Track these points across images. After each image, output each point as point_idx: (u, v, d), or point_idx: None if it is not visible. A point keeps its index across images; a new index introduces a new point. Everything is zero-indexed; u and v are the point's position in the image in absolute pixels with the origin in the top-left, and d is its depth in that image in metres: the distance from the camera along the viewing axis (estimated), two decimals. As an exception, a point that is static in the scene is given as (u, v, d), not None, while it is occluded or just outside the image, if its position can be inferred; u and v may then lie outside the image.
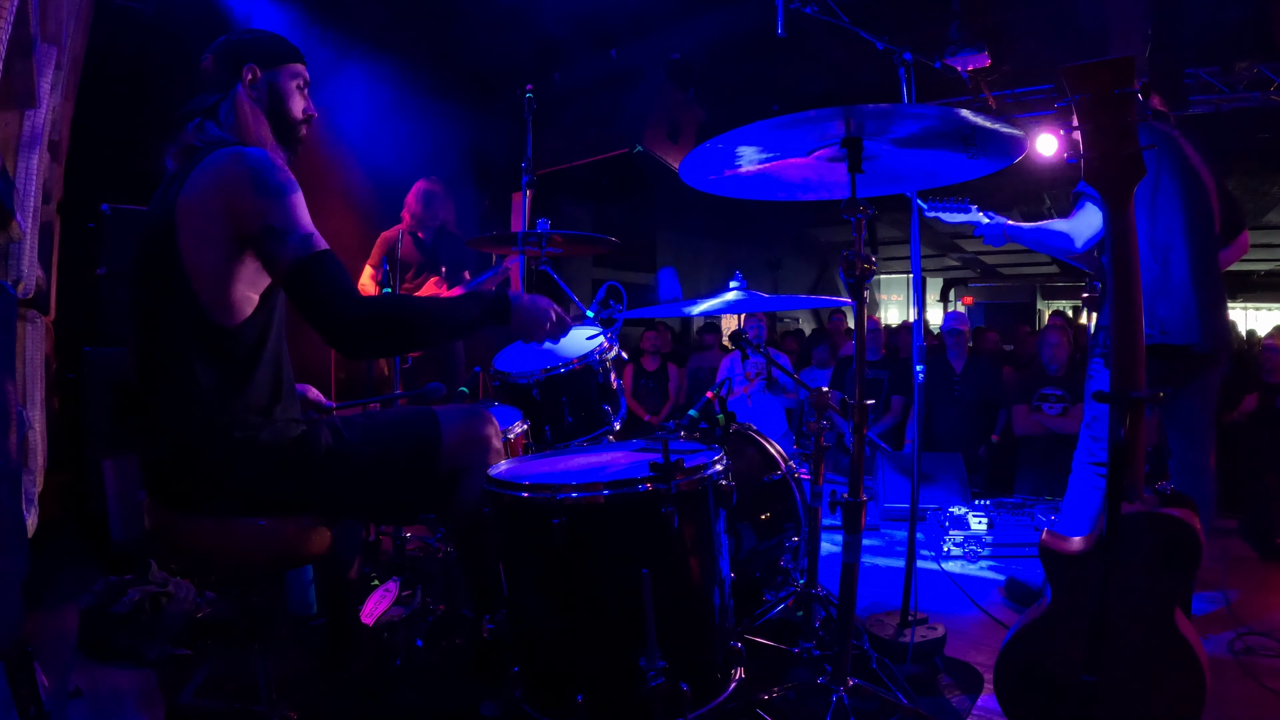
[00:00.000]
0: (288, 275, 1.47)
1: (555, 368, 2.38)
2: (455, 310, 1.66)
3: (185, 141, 1.59)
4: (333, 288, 1.47)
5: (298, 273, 1.46)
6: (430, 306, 1.67)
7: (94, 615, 2.38)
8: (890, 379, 5.54)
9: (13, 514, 1.78)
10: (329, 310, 1.47)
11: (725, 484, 1.69)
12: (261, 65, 1.64)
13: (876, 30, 2.65)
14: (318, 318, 1.47)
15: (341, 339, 1.48)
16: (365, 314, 1.49)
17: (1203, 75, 5.63)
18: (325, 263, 1.47)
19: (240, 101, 1.61)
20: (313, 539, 1.61)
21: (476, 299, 1.67)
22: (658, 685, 1.46)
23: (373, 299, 1.53)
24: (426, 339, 1.62)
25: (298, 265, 1.46)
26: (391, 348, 1.71)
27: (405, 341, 1.66)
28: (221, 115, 1.60)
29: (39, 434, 2.44)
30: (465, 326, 1.66)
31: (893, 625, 2.33)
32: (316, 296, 1.47)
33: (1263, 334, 8.14)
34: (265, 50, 1.66)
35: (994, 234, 2.72)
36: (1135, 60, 1.53)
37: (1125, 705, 1.59)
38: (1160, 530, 1.59)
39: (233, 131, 1.59)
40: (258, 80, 1.64)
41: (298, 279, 1.47)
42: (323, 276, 1.47)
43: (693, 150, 1.85)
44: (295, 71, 1.70)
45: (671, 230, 10.37)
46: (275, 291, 1.60)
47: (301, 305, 1.49)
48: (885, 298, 17.70)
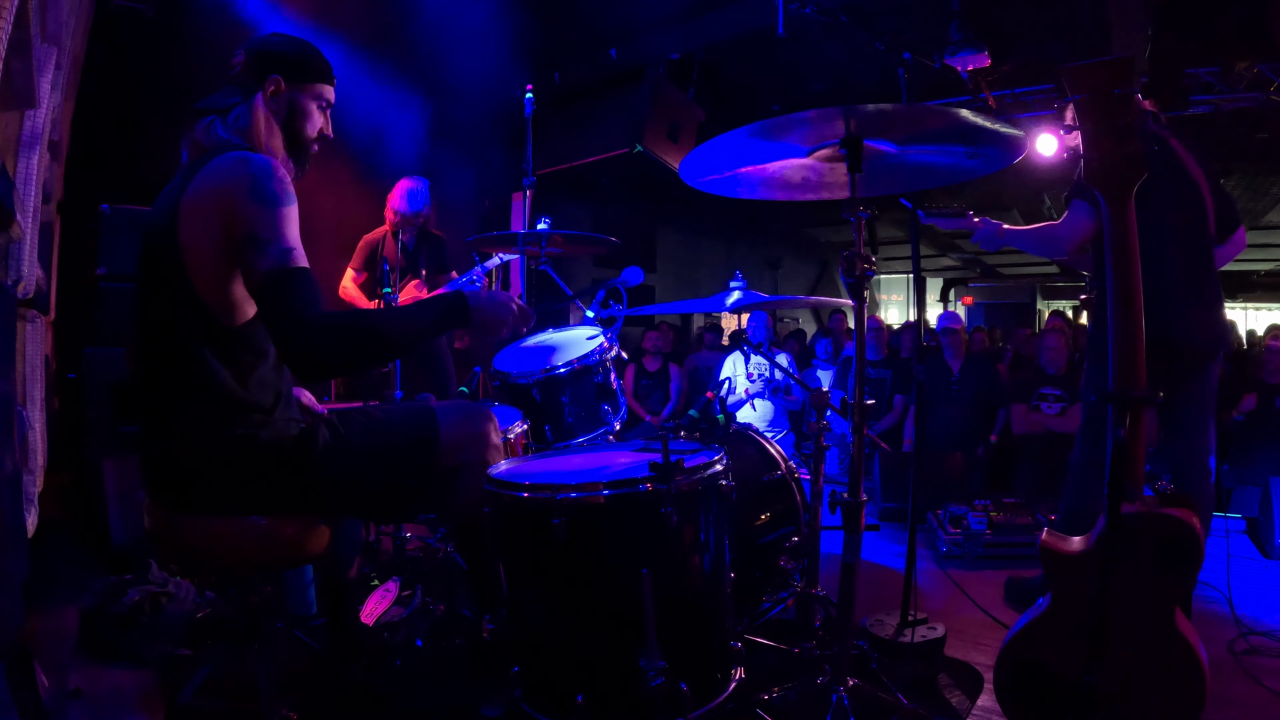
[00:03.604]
0: (259, 285, 1.44)
1: (555, 368, 2.38)
2: (412, 317, 1.61)
3: (196, 138, 1.59)
4: (295, 305, 1.42)
5: (268, 285, 1.42)
6: (388, 317, 1.62)
7: (94, 615, 2.38)
8: (893, 379, 5.55)
9: (13, 514, 1.78)
10: (290, 326, 1.42)
11: (725, 484, 1.69)
12: (287, 79, 1.63)
13: (876, 30, 2.65)
14: (278, 333, 1.44)
15: (297, 356, 1.43)
16: (325, 330, 1.43)
17: (1203, 75, 5.63)
18: (297, 280, 1.43)
19: (256, 110, 1.60)
20: (313, 538, 1.61)
21: (434, 303, 1.63)
22: (658, 685, 1.46)
23: (334, 315, 1.48)
24: (389, 351, 1.59)
25: (269, 277, 1.42)
26: (353, 363, 1.63)
27: (366, 356, 1.60)
28: (231, 118, 1.60)
29: (39, 434, 2.44)
30: (426, 331, 1.61)
31: (893, 625, 2.33)
32: (279, 311, 1.43)
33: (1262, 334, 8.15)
34: (295, 65, 1.64)
35: (989, 236, 2.74)
36: (1135, 60, 1.53)
37: (1125, 705, 1.58)
38: (1160, 530, 1.59)
39: (242, 136, 1.59)
40: (280, 93, 1.63)
41: (267, 291, 1.43)
42: (290, 293, 1.42)
43: (693, 150, 1.85)
44: (319, 92, 1.68)
45: (671, 230, 10.37)
46: None
47: (266, 318, 1.46)
48: (885, 298, 17.70)
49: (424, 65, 4.97)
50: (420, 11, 4.61)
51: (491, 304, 1.66)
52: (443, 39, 4.79)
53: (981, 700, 2.10)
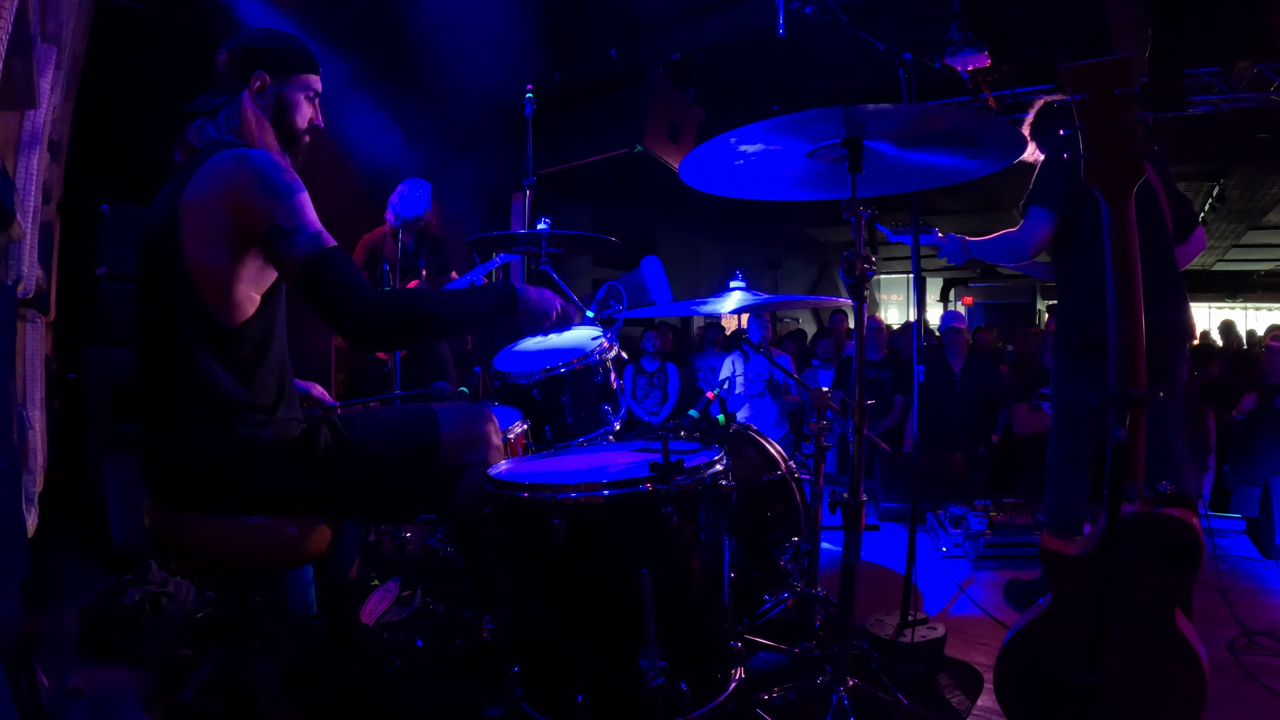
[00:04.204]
0: (298, 273, 1.48)
1: (555, 368, 2.38)
2: (466, 302, 1.68)
3: (188, 140, 1.59)
4: (344, 283, 1.48)
5: (308, 270, 1.47)
6: (440, 300, 1.70)
7: (94, 615, 2.38)
8: (892, 379, 5.55)
9: (13, 514, 1.79)
10: (342, 306, 1.48)
11: (725, 484, 1.69)
12: (272, 73, 1.63)
13: (876, 30, 2.65)
14: (331, 313, 1.49)
15: (355, 334, 1.50)
16: (377, 309, 1.51)
17: (1203, 75, 5.63)
18: (335, 259, 1.49)
19: (244, 107, 1.60)
20: (313, 538, 1.61)
21: (486, 291, 1.68)
22: (658, 685, 1.46)
23: (385, 294, 1.54)
24: (439, 332, 1.64)
25: (308, 262, 1.47)
26: (403, 341, 1.71)
27: (417, 334, 1.68)
28: (221, 118, 1.60)
29: (39, 434, 2.44)
30: (476, 319, 1.68)
31: (893, 625, 2.33)
32: (329, 293, 1.48)
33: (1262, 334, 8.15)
34: (278, 59, 1.65)
35: (953, 251, 2.77)
36: (1135, 60, 1.53)
37: (1125, 705, 1.59)
38: (1160, 530, 1.59)
39: (234, 134, 1.59)
40: (266, 88, 1.63)
41: (309, 276, 1.47)
42: (333, 273, 1.48)
43: (693, 150, 1.85)
44: (306, 82, 1.69)
45: (671, 230, 10.37)
46: (276, 292, 1.60)
47: (314, 302, 1.50)
48: (885, 298, 17.69)
49: (424, 65, 4.97)
50: (421, 11, 4.61)
51: (540, 300, 1.72)
52: (443, 39, 4.78)
53: (981, 700, 2.10)
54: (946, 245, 2.78)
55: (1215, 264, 14.10)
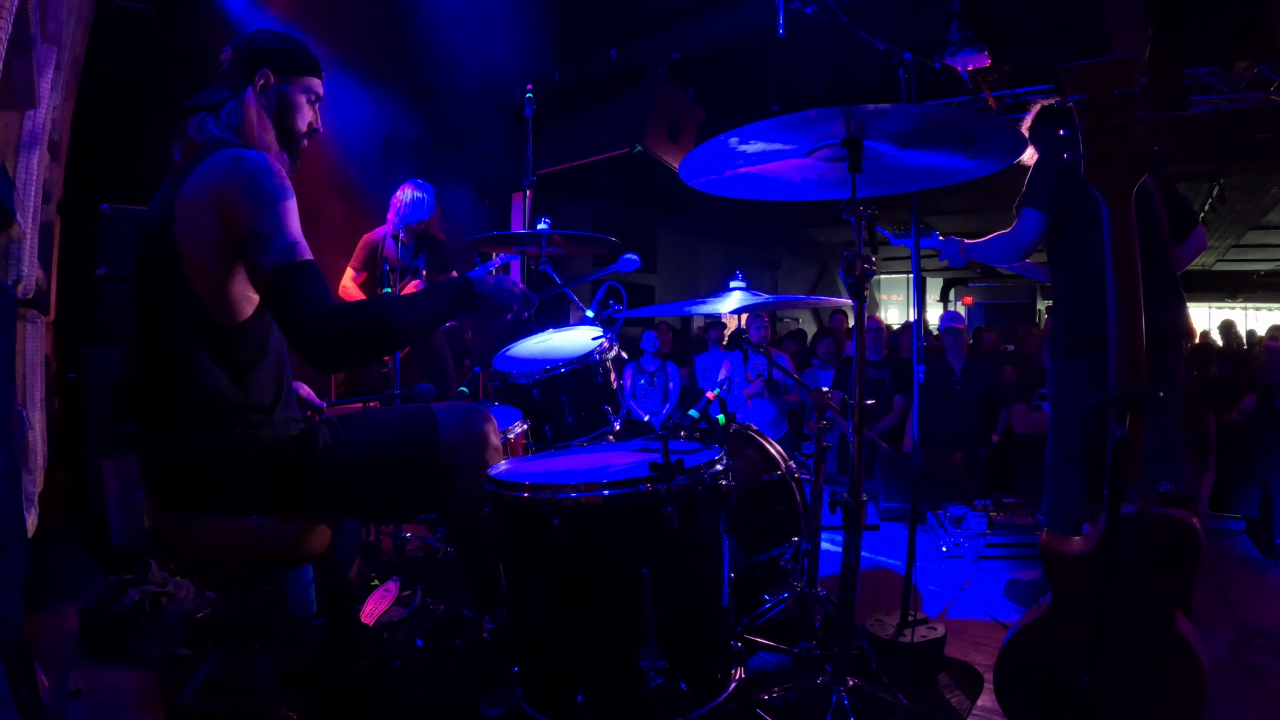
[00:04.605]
0: (265, 282, 1.45)
1: (555, 368, 2.38)
2: (423, 304, 1.64)
3: (188, 136, 1.59)
4: (306, 299, 1.44)
5: (275, 280, 1.44)
6: (395, 307, 1.64)
7: (94, 615, 2.38)
8: (892, 379, 5.55)
9: (13, 514, 1.78)
10: (298, 321, 1.44)
11: (725, 484, 1.69)
12: (276, 73, 1.63)
13: (876, 30, 2.65)
14: (288, 327, 1.46)
15: (307, 351, 1.44)
16: (331, 327, 1.45)
17: (1203, 75, 5.63)
18: (304, 273, 1.45)
19: (248, 105, 1.60)
20: (313, 538, 1.61)
21: (442, 290, 1.65)
22: (658, 685, 1.46)
23: (342, 309, 1.49)
24: (400, 340, 1.61)
25: (276, 272, 1.43)
26: (362, 356, 1.66)
27: (375, 348, 1.64)
28: (223, 114, 1.60)
29: (39, 434, 2.44)
30: (434, 320, 1.64)
31: (893, 625, 2.33)
32: (288, 306, 1.44)
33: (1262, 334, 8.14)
34: (283, 60, 1.65)
35: (953, 254, 2.79)
36: (1135, 60, 1.53)
37: (1125, 705, 1.58)
38: (1160, 531, 1.59)
39: (234, 132, 1.59)
40: (269, 88, 1.63)
41: (274, 287, 1.44)
42: (298, 287, 1.44)
43: (693, 150, 1.85)
44: (308, 85, 1.69)
45: (671, 230, 10.37)
46: None
47: (275, 313, 1.48)
48: (885, 298, 17.69)
49: (424, 65, 4.97)
50: (421, 12, 4.61)
51: (498, 289, 1.68)
52: (443, 39, 4.79)
53: (981, 700, 2.10)
54: (946, 248, 2.79)
55: (1215, 264, 14.09)
